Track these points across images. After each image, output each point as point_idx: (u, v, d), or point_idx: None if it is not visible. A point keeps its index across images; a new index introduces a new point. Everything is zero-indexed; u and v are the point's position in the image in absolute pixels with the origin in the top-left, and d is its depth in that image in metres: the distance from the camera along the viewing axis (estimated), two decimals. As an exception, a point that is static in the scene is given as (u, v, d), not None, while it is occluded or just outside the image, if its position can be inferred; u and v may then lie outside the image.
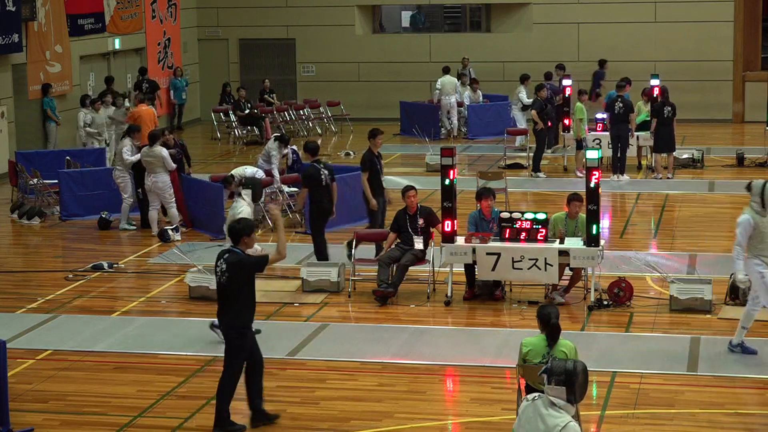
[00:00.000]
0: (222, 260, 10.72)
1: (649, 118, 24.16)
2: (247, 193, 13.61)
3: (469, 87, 30.43)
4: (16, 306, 15.28)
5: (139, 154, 19.29)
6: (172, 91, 31.94)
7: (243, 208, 13.57)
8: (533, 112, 24.04)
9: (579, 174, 23.05)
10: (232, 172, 19.28)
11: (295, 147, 21.47)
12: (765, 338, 13.24)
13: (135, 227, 19.69)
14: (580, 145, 23.35)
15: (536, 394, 7.21)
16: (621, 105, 23.11)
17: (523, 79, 27.74)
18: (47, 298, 15.62)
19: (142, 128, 22.19)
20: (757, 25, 32.34)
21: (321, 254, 16.37)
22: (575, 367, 7.04)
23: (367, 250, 16.31)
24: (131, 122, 22.11)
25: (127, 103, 26.10)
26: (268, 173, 20.58)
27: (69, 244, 19.16)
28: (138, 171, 19.50)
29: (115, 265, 17.23)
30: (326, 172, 16.38)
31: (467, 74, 31.21)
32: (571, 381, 7.01)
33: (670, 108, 23.15)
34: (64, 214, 20.69)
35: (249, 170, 19.53)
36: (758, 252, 12.32)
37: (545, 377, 7.06)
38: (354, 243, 15.76)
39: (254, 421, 10.96)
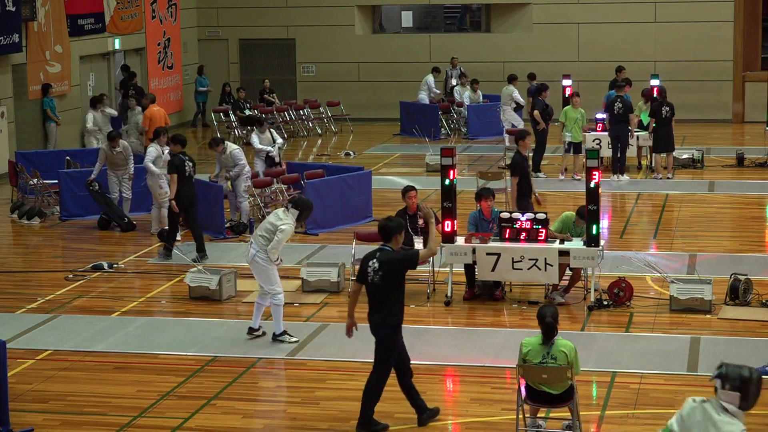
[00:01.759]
0: (374, 259, 10.65)
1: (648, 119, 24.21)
2: (294, 213, 13.37)
3: (469, 87, 30.49)
4: (16, 306, 15.28)
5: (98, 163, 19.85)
6: (198, 90, 32.41)
7: (288, 225, 13.15)
8: (536, 112, 24.04)
9: (575, 177, 23.04)
10: (227, 142, 19.92)
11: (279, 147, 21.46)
12: (765, 338, 13.24)
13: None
14: (569, 149, 23.37)
15: (702, 397, 7.00)
16: (620, 105, 23.11)
17: (512, 80, 27.87)
18: (47, 298, 15.62)
19: (150, 128, 22.40)
20: (757, 25, 32.35)
21: (171, 236, 17.54)
22: (751, 374, 6.89)
23: (368, 250, 16.26)
24: (146, 124, 22.55)
25: (109, 110, 26.12)
26: (272, 173, 20.60)
27: (69, 244, 19.16)
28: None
29: (115, 265, 17.23)
30: (191, 164, 17.49)
31: (466, 74, 31.28)
32: (747, 388, 6.87)
33: (668, 108, 23.15)
34: (64, 214, 20.69)
35: (238, 152, 19.44)
36: None
37: (719, 381, 6.88)
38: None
39: (422, 421, 10.88)
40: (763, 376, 11.94)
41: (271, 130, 21.78)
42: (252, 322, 13.58)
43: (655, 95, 24.49)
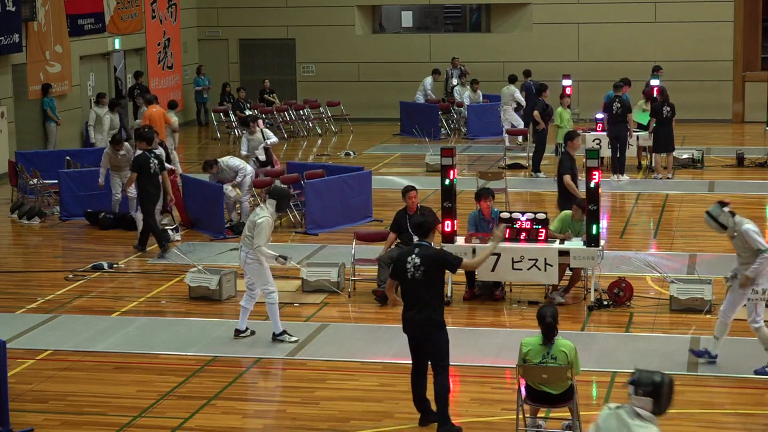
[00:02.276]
0: (413, 255, 10.54)
1: (648, 118, 24.23)
2: (271, 203, 13.35)
3: (469, 87, 30.50)
4: (16, 306, 15.28)
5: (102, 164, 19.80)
6: (195, 90, 32.52)
7: (264, 218, 13.10)
8: (536, 112, 24.03)
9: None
10: (218, 159, 19.92)
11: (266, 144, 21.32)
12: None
13: (173, 226, 19.39)
14: (557, 150, 23.38)
15: (617, 403, 7.13)
16: (619, 105, 23.12)
17: (513, 80, 27.93)
18: (47, 298, 15.62)
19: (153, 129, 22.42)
20: (757, 25, 32.34)
21: (156, 234, 17.78)
22: (663, 378, 7.05)
23: (368, 250, 16.31)
24: (146, 124, 22.53)
25: (96, 109, 26.20)
26: (272, 173, 20.61)
27: (69, 244, 19.16)
28: None
29: (115, 265, 17.23)
30: (156, 161, 17.73)
31: (466, 74, 31.29)
32: (659, 392, 7.02)
33: (669, 108, 23.16)
34: (64, 214, 20.68)
35: (233, 161, 19.61)
36: None
37: (632, 387, 7.02)
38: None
39: (423, 421, 10.89)
40: (763, 377, 12.02)
41: (264, 129, 21.70)
42: (238, 324, 13.60)
43: (655, 95, 24.51)
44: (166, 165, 18.94)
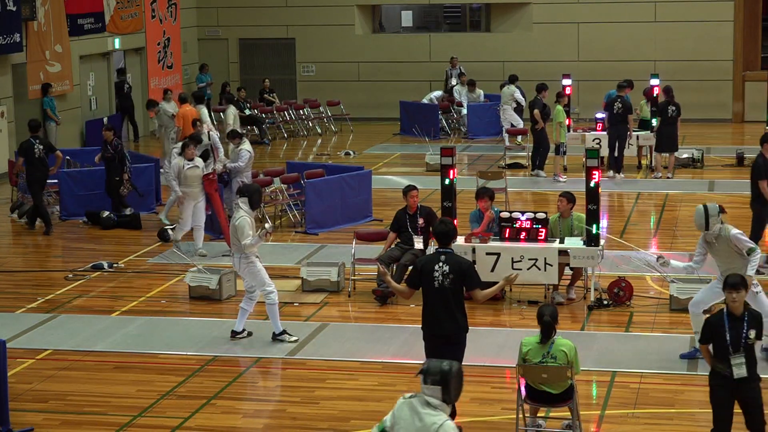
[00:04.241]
0: (440, 263, 10.45)
1: (649, 118, 24.21)
2: (244, 201, 13.36)
3: (467, 87, 30.49)
4: (16, 306, 15.28)
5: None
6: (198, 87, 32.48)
7: (242, 218, 13.17)
8: (535, 111, 24.03)
9: (560, 179, 23.00)
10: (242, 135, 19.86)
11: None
12: (764, 338, 13.23)
13: (172, 226, 18.90)
14: (558, 149, 23.34)
15: (411, 392, 7.33)
16: (620, 105, 23.11)
17: (514, 80, 27.95)
18: (47, 298, 15.62)
19: (184, 128, 22.36)
20: (757, 25, 32.34)
21: (40, 213, 19.68)
22: (451, 368, 7.17)
23: (368, 250, 16.31)
24: (179, 123, 22.43)
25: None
26: (272, 173, 20.59)
27: (69, 244, 19.15)
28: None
29: (115, 265, 17.23)
30: (41, 147, 19.65)
31: (465, 73, 31.29)
32: (447, 381, 7.14)
33: (674, 108, 23.13)
34: (64, 214, 20.68)
35: (243, 153, 19.11)
36: None
37: (422, 377, 7.19)
38: None
39: None
40: None
41: (211, 132, 20.79)
42: (235, 326, 13.60)
43: (655, 95, 24.50)
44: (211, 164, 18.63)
